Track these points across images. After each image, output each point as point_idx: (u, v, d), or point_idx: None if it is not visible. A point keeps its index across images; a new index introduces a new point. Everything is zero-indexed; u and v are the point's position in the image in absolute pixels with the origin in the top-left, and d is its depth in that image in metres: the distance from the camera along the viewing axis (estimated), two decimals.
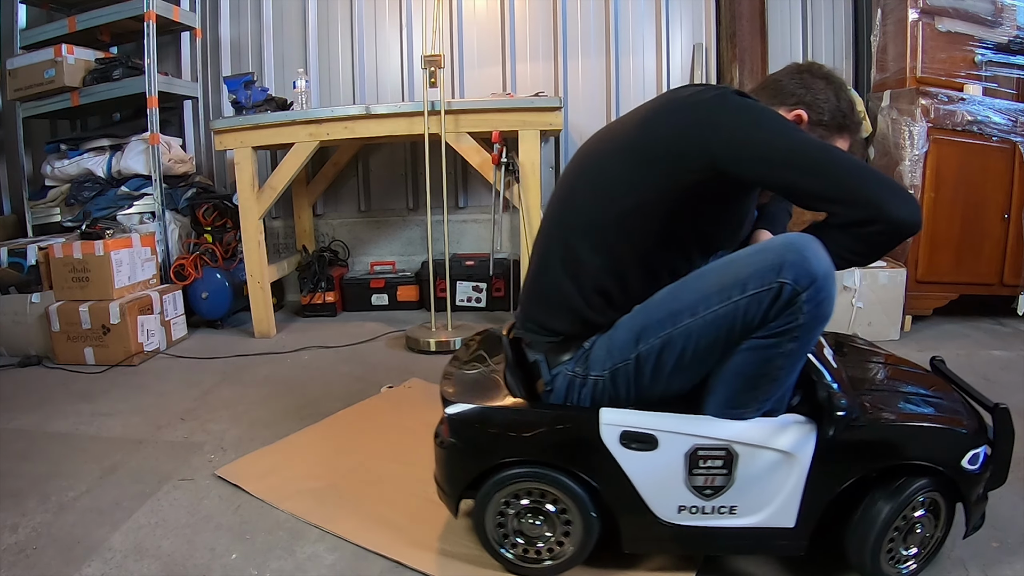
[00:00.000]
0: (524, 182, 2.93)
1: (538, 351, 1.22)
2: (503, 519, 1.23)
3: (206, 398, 2.34)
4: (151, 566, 1.35)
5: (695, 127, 1.08)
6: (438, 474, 1.31)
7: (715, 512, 1.14)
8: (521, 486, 1.18)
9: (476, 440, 1.20)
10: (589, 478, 1.15)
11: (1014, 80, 3.20)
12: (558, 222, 1.23)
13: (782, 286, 1.00)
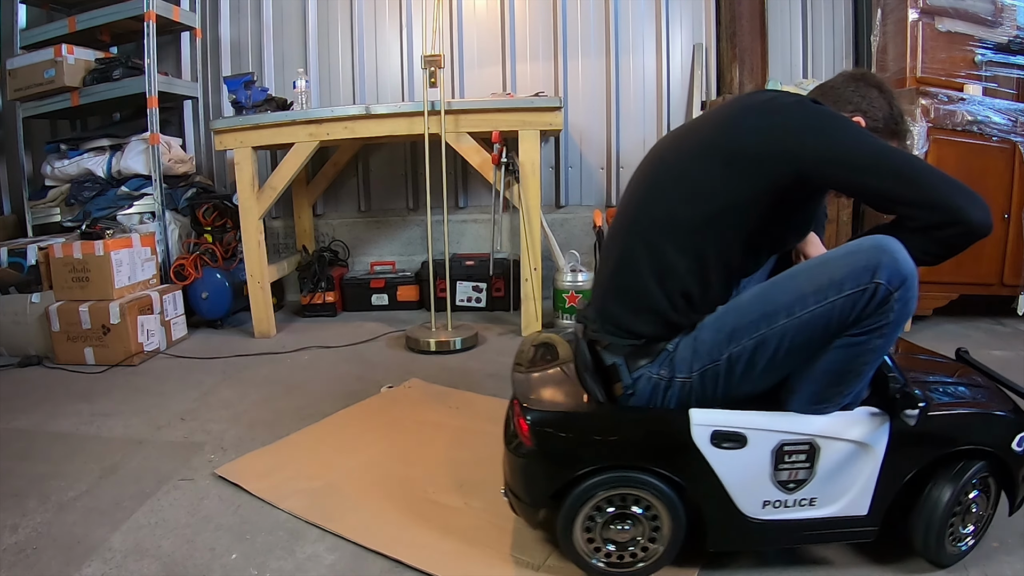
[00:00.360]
0: (524, 182, 2.93)
1: (617, 354, 1.20)
2: (591, 528, 1.20)
3: (206, 398, 2.34)
4: (151, 566, 1.35)
5: (780, 132, 1.12)
6: (515, 485, 1.26)
7: (796, 505, 1.18)
8: (613, 492, 1.16)
9: (564, 447, 1.18)
10: (678, 478, 1.16)
11: (1014, 80, 3.20)
12: (639, 223, 1.23)
13: (877, 286, 1.04)
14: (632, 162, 3.86)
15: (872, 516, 1.19)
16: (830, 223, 3.44)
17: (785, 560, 1.31)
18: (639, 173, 1.32)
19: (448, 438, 1.94)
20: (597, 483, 1.16)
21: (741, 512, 1.17)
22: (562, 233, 3.77)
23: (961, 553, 1.27)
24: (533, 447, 1.18)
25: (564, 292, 3.12)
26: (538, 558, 1.34)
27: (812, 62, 3.76)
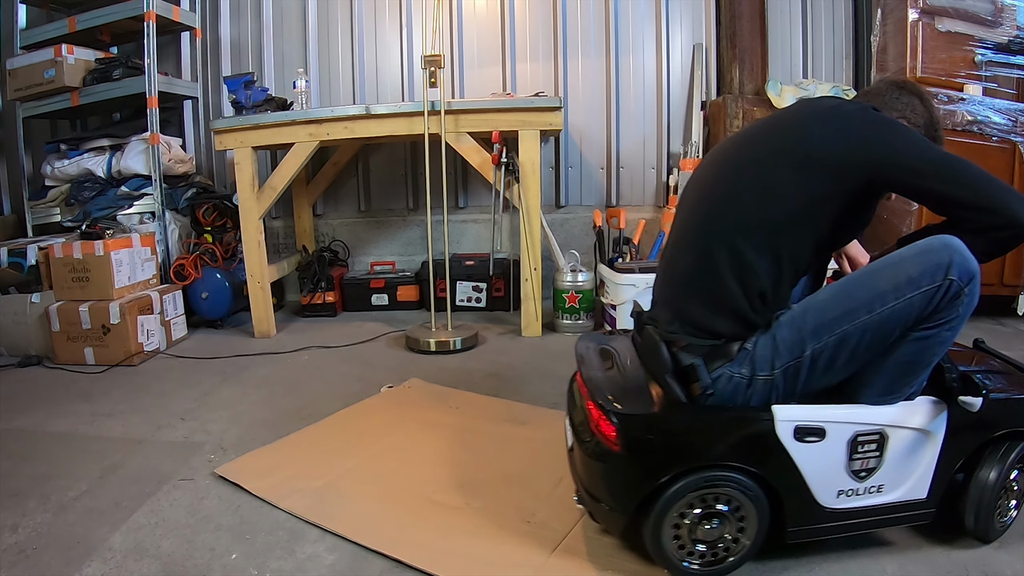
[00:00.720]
0: (524, 182, 2.93)
1: (695, 354, 1.21)
2: (679, 530, 1.21)
3: (206, 398, 2.34)
4: (151, 566, 1.35)
5: (850, 139, 1.19)
6: (599, 491, 1.25)
7: (866, 492, 1.24)
8: (703, 492, 1.18)
9: (656, 449, 1.19)
10: (762, 473, 1.18)
11: (1014, 80, 3.20)
12: (718, 225, 1.25)
13: (951, 283, 1.13)
14: (632, 162, 3.86)
15: (930, 499, 1.27)
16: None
17: (847, 544, 1.33)
18: (705, 176, 1.36)
19: (448, 438, 1.94)
20: (688, 484, 1.17)
21: (818, 503, 1.22)
22: (562, 233, 3.77)
23: (1006, 527, 1.36)
24: (622, 451, 1.18)
25: (564, 292, 3.12)
26: (539, 558, 1.34)
27: (812, 62, 3.76)
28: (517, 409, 2.16)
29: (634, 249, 3.34)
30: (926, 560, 1.31)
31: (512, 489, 1.63)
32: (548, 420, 2.07)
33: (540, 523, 1.47)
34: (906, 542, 1.37)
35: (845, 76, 3.76)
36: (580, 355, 1.48)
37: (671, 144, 3.84)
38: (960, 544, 1.36)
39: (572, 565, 1.32)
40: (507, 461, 1.79)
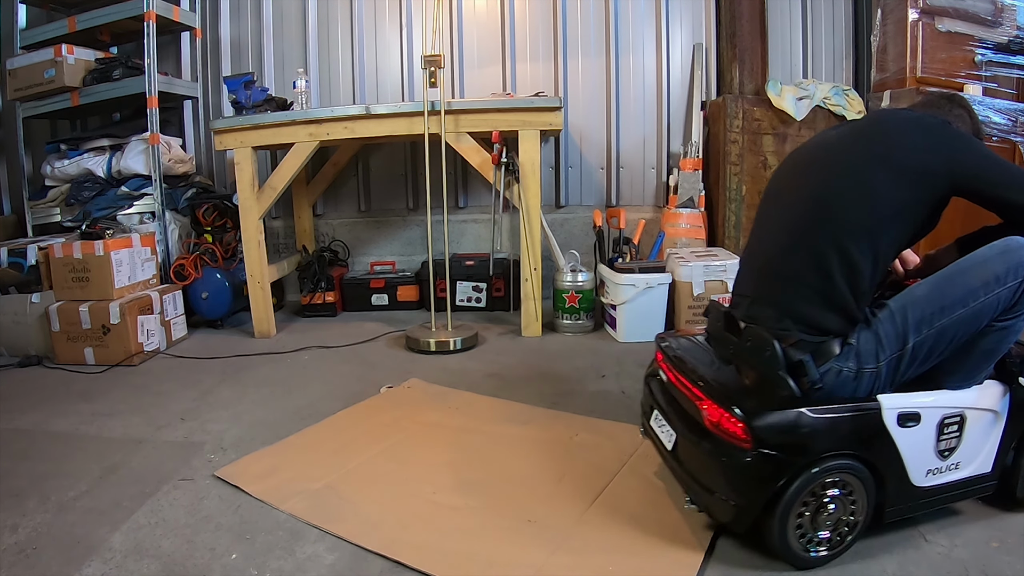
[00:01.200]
0: (524, 182, 2.93)
1: (803, 350, 1.28)
2: (801, 520, 1.26)
3: (206, 398, 2.34)
4: (151, 566, 1.35)
5: (941, 150, 1.31)
6: (729, 489, 1.27)
7: (947, 470, 1.35)
8: (825, 480, 1.25)
9: (788, 444, 1.23)
10: (871, 458, 1.28)
11: (1014, 80, 3.20)
12: (825, 226, 1.33)
13: None
14: (632, 162, 3.86)
15: (994, 472, 1.39)
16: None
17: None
18: (797, 179, 1.45)
19: (448, 439, 1.94)
20: (813, 474, 1.24)
21: (912, 482, 1.32)
22: (562, 233, 3.77)
23: None
24: (753, 448, 1.22)
25: (564, 292, 3.12)
26: (539, 558, 1.34)
27: (812, 62, 3.76)
28: (517, 409, 2.16)
29: (634, 249, 3.34)
30: (926, 560, 1.31)
31: (512, 489, 1.63)
32: (548, 420, 2.07)
33: (540, 523, 1.47)
34: (906, 542, 1.37)
35: (845, 76, 3.76)
36: (674, 355, 1.51)
37: (671, 144, 3.84)
38: (960, 544, 1.36)
39: (572, 564, 1.32)
40: (507, 461, 1.79)
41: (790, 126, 3.34)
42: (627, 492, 1.61)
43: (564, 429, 1.99)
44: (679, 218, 3.49)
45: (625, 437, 1.91)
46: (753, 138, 3.36)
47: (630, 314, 2.92)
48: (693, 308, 2.92)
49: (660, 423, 1.50)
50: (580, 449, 1.85)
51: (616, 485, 1.64)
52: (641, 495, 1.59)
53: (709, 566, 1.32)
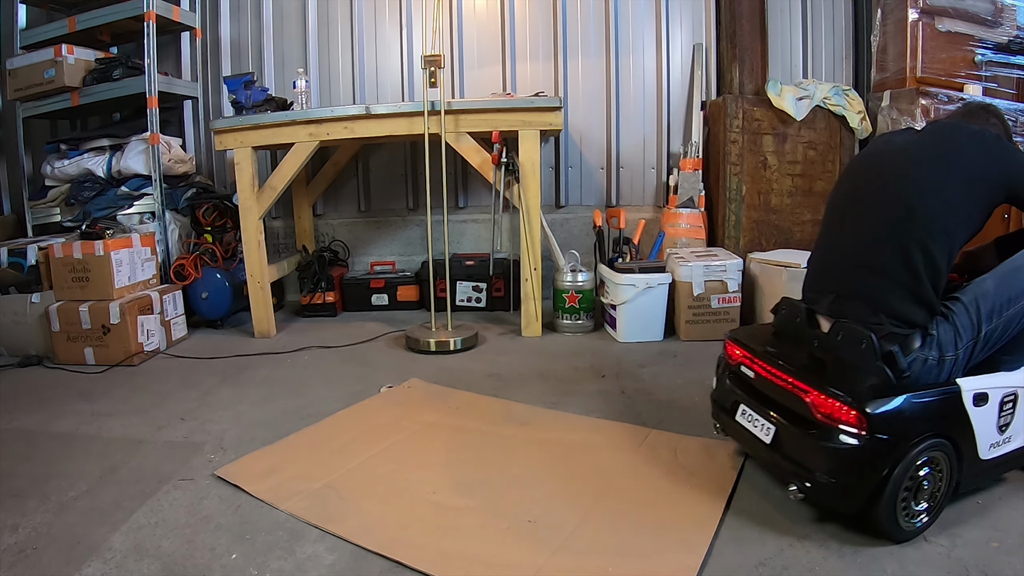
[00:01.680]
0: (524, 182, 2.93)
1: (892, 343, 1.39)
2: (906, 496, 1.36)
3: (206, 398, 2.34)
4: (151, 566, 1.35)
5: (996, 161, 1.46)
6: (844, 474, 1.34)
7: (1004, 443, 1.48)
8: (923, 457, 1.36)
9: (898, 430, 1.34)
10: (953, 436, 1.40)
11: (1014, 80, 3.20)
12: (913, 227, 1.44)
13: None
14: (632, 162, 3.86)
15: None
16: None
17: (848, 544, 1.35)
18: (873, 182, 1.55)
19: (448, 438, 1.94)
20: (915, 455, 1.34)
21: (980, 456, 1.44)
22: (562, 233, 3.77)
23: None
24: (868, 435, 1.31)
25: (564, 292, 3.12)
26: (539, 558, 1.34)
27: (812, 62, 3.76)
28: (517, 409, 2.16)
29: (634, 249, 3.34)
30: (926, 560, 1.31)
31: (512, 489, 1.63)
32: (548, 420, 2.07)
33: (541, 523, 1.47)
34: (906, 542, 1.37)
35: (845, 76, 3.76)
36: (764, 351, 1.58)
37: (671, 144, 3.84)
38: (960, 544, 1.36)
39: (572, 565, 1.32)
40: (507, 461, 1.79)
41: (790, 126, 3.34)
42: (627, 493, 1.61)
43: (564, 429, 1.99)
44: (679, 218, 3.50)
45: (625, 437, 1.91)
46: (753, 138, 3.36)
47: (630, 314, 2.92)
48: (693, 308, 2.92)
49: (752, 418, 1.55)
50: (580, 449, 1.85)
51: (616, 486, 1.64)
52: (641, 496, 1.59)
53: (707, 568, 1.32)
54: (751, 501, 1.56)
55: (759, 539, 1.40)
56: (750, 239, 3.40)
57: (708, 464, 1.74)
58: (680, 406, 2.17)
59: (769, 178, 3.38)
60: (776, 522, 1.47)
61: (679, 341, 2.93)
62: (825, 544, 1.37)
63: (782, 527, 1.44)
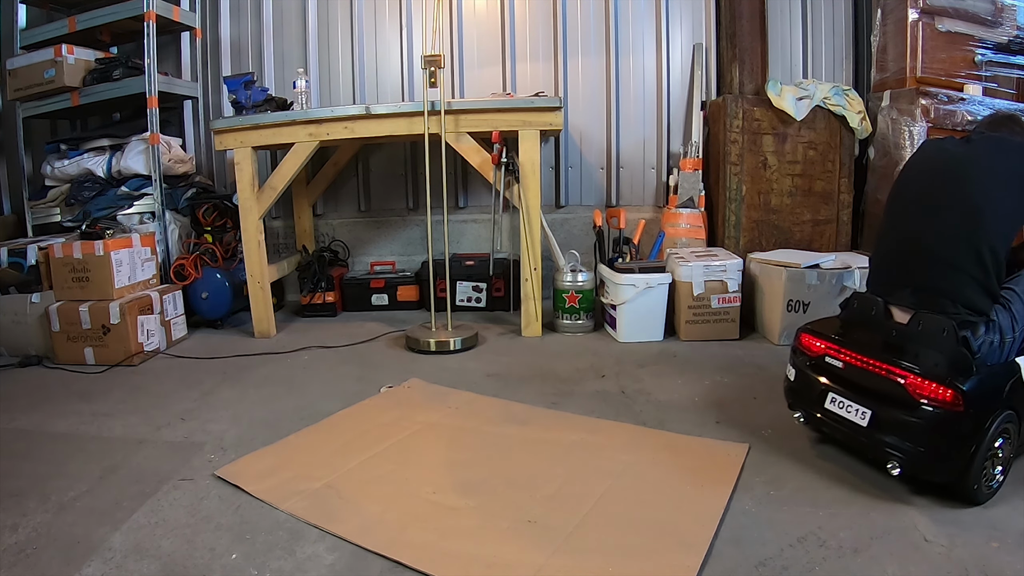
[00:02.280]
0: (524, 182, 2.93)
1: (965, 329, 1.55)
2: (987, 464, 1.53)
3: (206, 398, 2.34)
4: (151, 566, 1.35)
5: None
6: (945, 447, 1.48)
7: None
8: (1002, 426, 1.54)
9: (986, 404, 1.50)
10: (1018, 408, 1.57)
11: (1014, 80, 3.20)
12: (980, 228, 1.61)
13: None
14: (632, 162, 3.86)
15: None
16: (830, 223, 3.45)
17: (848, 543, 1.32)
18: (946, 189, 1.70)
19: (448, 438, 1.94)
20: (997, 425, 1.51)
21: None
22: (562, 233, 3.77)
23: None
24: (965, 411, 1.46)
25: (564, 292, 3.12)
26: (539, 558, 1.34)
27: (812, 62, 3.76)
28: (516, 409, 2.16)
29: (634, 249, 3.34)
30: (926, 560, 1.31)
31: (512, 490, 1.63)
32: (548, 420, 2.07)
33: (541, 524, 1.47)
34: (906, 542, 1.37)
35: (845, 76, 3.76)
36: (850, 340, 1.72)
37: (671, 144, 3.84)
38: (960, 544, 1.36)
39: (572, 565, 1.32)
40: (507, 461, 1.79)
41: (790, 126, 3.34)
42: (627, 493, 1.61)
43: (564, 429, 1.99)
44: (679, 218, 3.50)
45: (625, 437, 1.91)
46: (753, 138, 3.36)
47: (630, 314, 2.92)
48: (693, 308, 2.92)
49: (844, 404, 1.67)
50: (580, 449, 1.85)
51: (616, 486, 1.64)
52: (641, 497, 1.59)
53: (707, 568, 1.32)
54: (751, 501, 1.56)
55: (759, 539, 1.40)
56: (750, 239, 3.40)
57: (708, 465, 1.74)
58: (680, 406, 2.17)
59: (769, 178, 3.38)
60: (776, 522, 1.47)
61: (679, 341, 2.93)
62: (825, 544, 1.37)
63: (782, 527, 1.44)
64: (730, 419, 2.05)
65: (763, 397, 2.21)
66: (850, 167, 3.38)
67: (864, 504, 1.53)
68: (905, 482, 1.60)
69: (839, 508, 1.52)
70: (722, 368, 2.53)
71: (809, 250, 3.24)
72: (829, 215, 3.41)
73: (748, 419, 2.04)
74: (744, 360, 2.58)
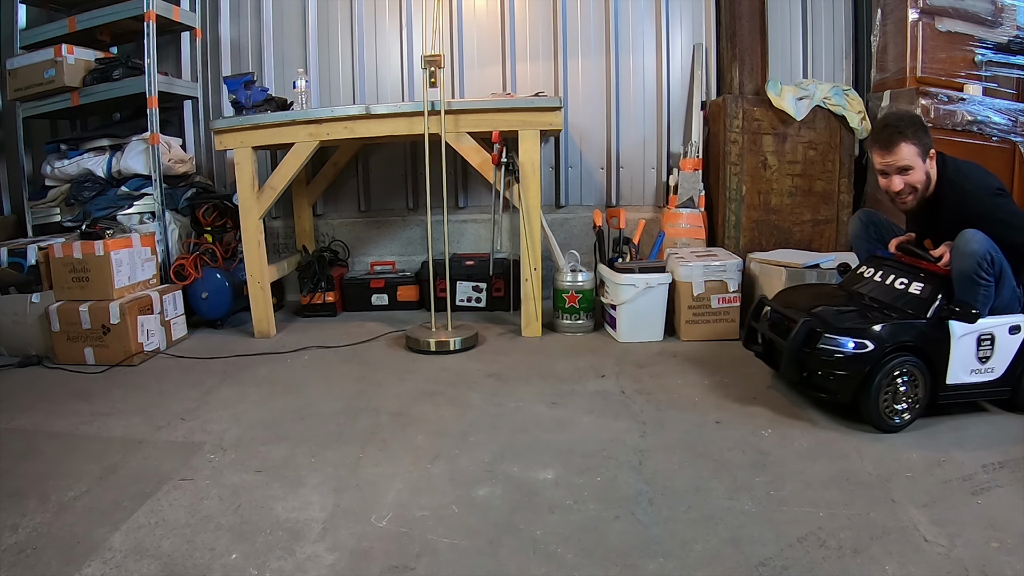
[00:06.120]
0: (524, 182, 2.93)
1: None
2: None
3: (206, 398, 2.34)
4: (151, 566, 1.35)
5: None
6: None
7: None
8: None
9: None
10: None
11: (1014, 80, 3.20)
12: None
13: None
14: (632, 162, 3.86)
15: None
16: (830, 223, 3.45)
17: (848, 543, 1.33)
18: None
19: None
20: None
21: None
22: (562, 233, 3.77)
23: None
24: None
25: (564, 292, 3.12)
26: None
27: (812, 62, 3.76)
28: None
29: (634, 249, 3.34)
30: (926, 560, 1.31)
31: None
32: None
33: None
34: (906, 542, 1.37)
35: (845, 76, 3.76)
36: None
37: (671, 144, 3.83)
38: (960, 544, 1.36)
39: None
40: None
41: (790, 126, 3.34)
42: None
43: None
44: (679, 218, 3.49)
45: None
46: (753, 138, 3.36)
47: (630, 314, 2.92)
48: (693, 308, 2.92)
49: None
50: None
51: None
52: None
53: (707, 568, 1.32)
54: (751, 501, 1.56)
55: (759, 539, 1.40)
56: (750, 239, 3.40)
57: None
58: (680, 406, 2.17)
59: (769, 178, 3.38)
60: (776, 522, 1.47)
61: (679, 341, 2.93)
62: (825, 544, 1.37)
63: (782, 527, 1.44)
64: (730, 419, 2.05)
65: (763, 397, 2.21)
66: (850, 167, 3.38)
67: (864, 504, 1.53)
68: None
69: (839, 508, 1.52)
70: (722, 368, 2.53)
71: (809, 250, 3.25)
72: (829, 215, 3.41)
73: (749, 419, 2.04)
74: (744, 360, 2.58)
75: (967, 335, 1.94)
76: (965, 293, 1.92)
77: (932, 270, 2.04)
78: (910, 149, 2.02)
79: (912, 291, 2.05)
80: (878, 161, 2.10)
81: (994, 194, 2.03)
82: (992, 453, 1.76)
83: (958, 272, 1.93)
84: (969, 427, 1.95)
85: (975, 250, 1.89)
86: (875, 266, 2.25)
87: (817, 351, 1.97)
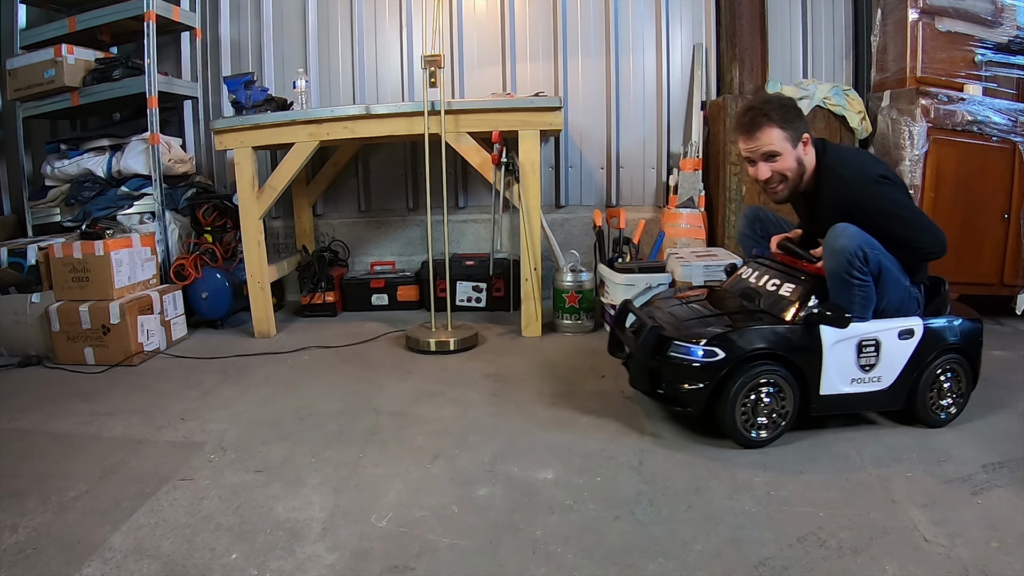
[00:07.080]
0: (524, 182, 2.93)
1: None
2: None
3: (206, 398, 2.34)
4: (151, 566, 1.35)
5: None
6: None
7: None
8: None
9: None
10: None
11: (1014, 80, 3.20)
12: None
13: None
14: (632, 162, 3.86)
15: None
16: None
17: (848, 542, 1.33)
18: None
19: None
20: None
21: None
22: (562, 233, 3.77)
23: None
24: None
25: (564, 292, 3.12)
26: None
27: (812, 62, 3.76)
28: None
29: (634, 249, 3.34)
30: (926, 560, 1.31)
31: None
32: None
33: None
34: (906, 542, 1.37)
35: (845, 76, 3.76)
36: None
37: (671, 144, 3.84)
38: (960, 544, 1.36)
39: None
40: None
41: None
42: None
43: None
44: (679, 218, 3.49)
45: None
46: None
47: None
48: None
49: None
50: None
51: None
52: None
53: (706, 568, 1.32)
54: (751, 501, 1.56)
55: (759, 539, 1.40)
56: None
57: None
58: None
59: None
60: (776, 522, 1.47)
61: None
62: (825, 544, 1.37)
63: (782, 527, 1.44)
64: None
65: None
66: None
67: (863, 504, 1.53)
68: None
69: (839, 508, 1.52)
70: None
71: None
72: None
73: None
74: None
75: (842, 341, 1.75)
76: (839, 295, 1.75)
77: (811, 271, 1.88)
78: (776, 133, 1.84)
79: (783, 293, 1.87)
80: (742, 147, 1.92)
81: (875, 181, 1.80)
82: (992, 453, 1.77)
83: (829, 272, 1.76)
84: (969, 427, 1.95)
85: (844, 246, 1.71)
86: (753, 266, 2.09)
87: (667, 359, 1.81)
